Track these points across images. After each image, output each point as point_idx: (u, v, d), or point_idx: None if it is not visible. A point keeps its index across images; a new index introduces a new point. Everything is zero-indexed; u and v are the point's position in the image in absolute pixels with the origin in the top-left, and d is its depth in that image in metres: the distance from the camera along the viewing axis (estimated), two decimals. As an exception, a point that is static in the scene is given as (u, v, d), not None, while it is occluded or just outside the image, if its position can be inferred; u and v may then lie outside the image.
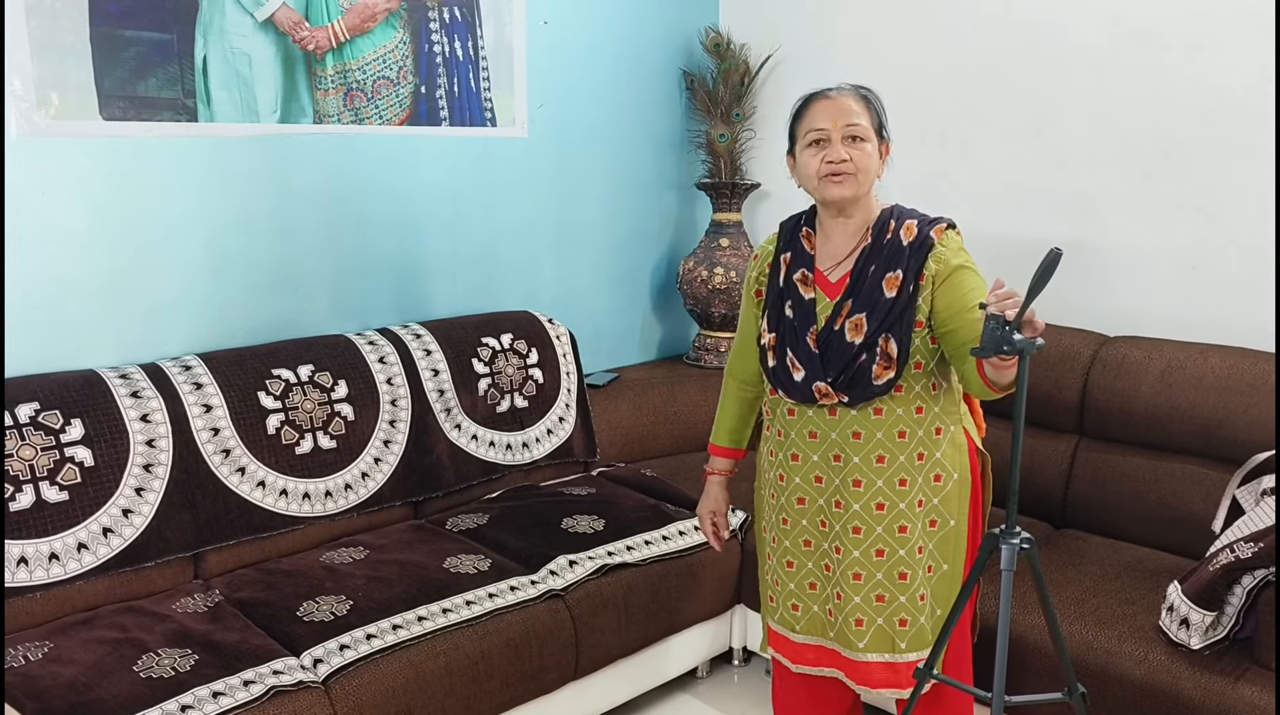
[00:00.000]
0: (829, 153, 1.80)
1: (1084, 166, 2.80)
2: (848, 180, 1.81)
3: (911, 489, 1.86)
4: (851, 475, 1.87)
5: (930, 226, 1.83)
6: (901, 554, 1.87)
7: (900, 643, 1.90)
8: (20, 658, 1.92)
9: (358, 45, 2.68)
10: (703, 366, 3.45)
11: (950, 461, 1.88)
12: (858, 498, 1.87)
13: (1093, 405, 2.60)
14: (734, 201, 3.43)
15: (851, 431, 1.86)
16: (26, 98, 2.18)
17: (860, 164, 1.80)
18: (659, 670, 2.57)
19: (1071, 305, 2.80)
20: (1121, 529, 2.54)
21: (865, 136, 1.81)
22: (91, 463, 2.14)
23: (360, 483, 2.52)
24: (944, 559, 1.90)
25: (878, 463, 1.86)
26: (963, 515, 1.89)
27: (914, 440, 1.85)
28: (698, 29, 3.47)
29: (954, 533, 1.89)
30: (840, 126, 1.80)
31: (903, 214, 1.87)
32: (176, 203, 2.43)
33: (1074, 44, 2.77)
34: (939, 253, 1.81)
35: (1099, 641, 2.08)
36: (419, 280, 2.93)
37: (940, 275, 1.80)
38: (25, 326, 2.25)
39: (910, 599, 1.89)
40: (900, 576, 1.88)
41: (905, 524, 1.87)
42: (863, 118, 1.81)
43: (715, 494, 2.14)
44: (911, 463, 1.85)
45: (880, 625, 1.90)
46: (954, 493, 1.88)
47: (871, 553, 1.88)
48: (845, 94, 1.83)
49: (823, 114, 1.82)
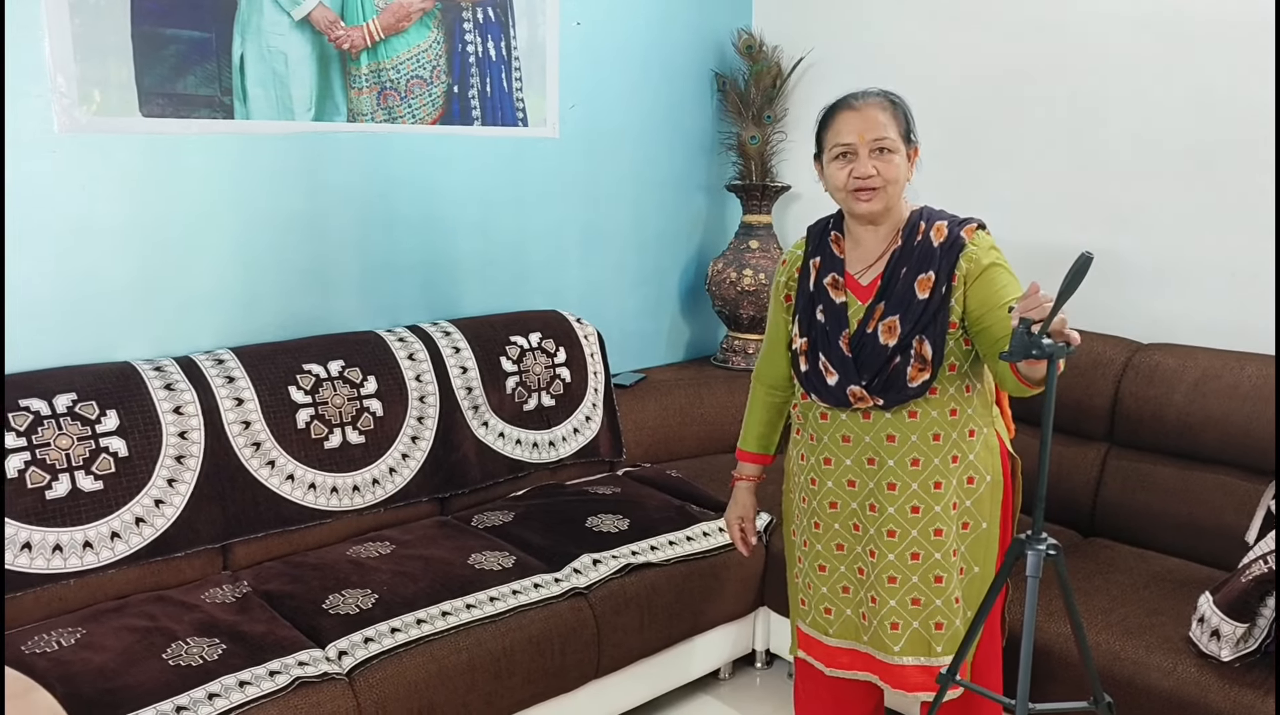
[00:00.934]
0: (856, 167, 1.79)
1: (1120, 173, 2.77)
2: (876, 194, 1.80)
3: (946, 491, 1.85)
4: (886, 478, 1.86)
5: (960, 227, 1.82)
6: (937, 557, 1.86)
7: (936, 646, 1.89)
8: (54, 643, 1.95)
9: (392, 44, 2.71)
10: (730, 368, 3.45)
11: (983, 463, 1.87)
12: (892, 501, 1.86)
13: (1124, 412, 2.57)
14: (764, 203, 3.42)
15: (886, 434, 1.85)
16: (69, 94, 2.22)
17: (888, 176, 1.79)
18: (681, 671, 2.57)
19: (1104, 311, 2.77)
20: (1151, 538, 2.50)
21: (893, 148, 1.79)
22: (125, 453, 2.18)
23: (387, 478, 2.54)
24: (975, 561, 1.89)
25: (912, 466, 1.85)
26: (994, 517, 1.88)
27: (948, 442, 1.84)
28: (730, 31, 3.47)
29: (985, 535, 1.88)
30: (867, 140, 1.78)
31: (932, 215, 1.86)
32: (212, 199, 2.46)
33: (1113, 50, 2.73)
34: (970, 252, 1.80)
35: (1126, 652, 2.05)
36: (449, 278, 2.95)
37: (972, 274, 1.79)
38: (64, 319, 2.29)
39: (946, 602, 1.88)
40: (936, 580, 1.87)
41: (941, 527, 1.86)
42: (890, 128, 1.79)
43: (743, 500, 2.14)
44: (946, 465, 1.84)
45: (916, 628, 1.89)
46: (986, 495, 1.87)
47: (907, 556, 1.87)
48: (871, 104, 1.81)
49: (849, 127, 1.80)
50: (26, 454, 2.07)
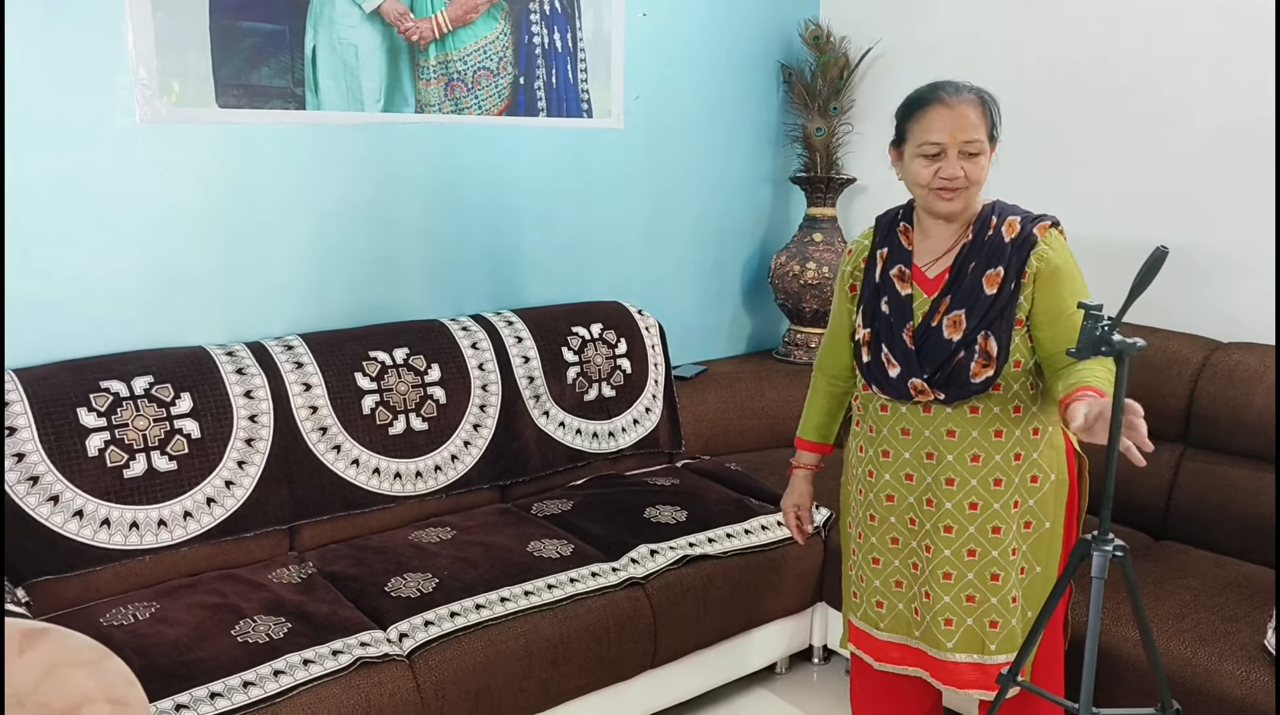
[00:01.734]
0: (944, 168, 1.75)
1: (1198, 167, 2.68)
2: (959, 195, 1.77)
3: (1007, 489, 1.82)
4: (944, 473, 1.84)
5: (1033, 223, 1.79)
6: (994, 555, 1.83)
7: (990, 644, 1.86)
8: (130, 616, 2.03)
9: (460, 36, 2.74)
10: (792, 362, 3.42)
11: (1048, 463, 1.83)
12: (950, 496, 1.84)
13: (1200, 413, 2.49)
14: (829, 196, 3.39)
15: (946, 429, 1.83)
16: (150, 85, 2.29)
17: (974, 178, 1.76)
18: (737, 664, 2.57)
19: (1181, 309, 2.68)
20: (1226, 543, 2.43)
21: (981, 150, 1.75)
22: (198, 435, 2.25)
23: (449, 465, 2.58)
24: (1037, 561, 1.86)
25: (972, 462, 1.82)
26: (1059, 518, 1.85)
27: (1011, 440, 1.81)
28: (797, 21, 3.44)
29: (1049, 535, 1.85)
30: (959, 142, 1.73)
31: (1005, 210, 1.82)
32: (284, 188, 2.52)
33: (1190, 39, 2.65)
34: (1041, 250, 1.76)
35: (1198, 659, 2.00)
36: (513, 268, 2.98)
37: (1043, 274, 1.76)
38: (141, 303, 2.36)
39: (1002, 601, 1.85)
40: (992, 577, 1.84)
41: (999, 524, 1.83)
42: (980, 129, 1.74)
43: (800, 488, 2.13)
44: (1008, 463, 1.81)
45: (970, 625, 1.87)
46: (1050, 494, 1.84)
47: (963, 552, 1.85)
48: (964, 100, 1.75)
49: (941, 124, 1.74)
50: (106, 433, 2.14)
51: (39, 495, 2.07)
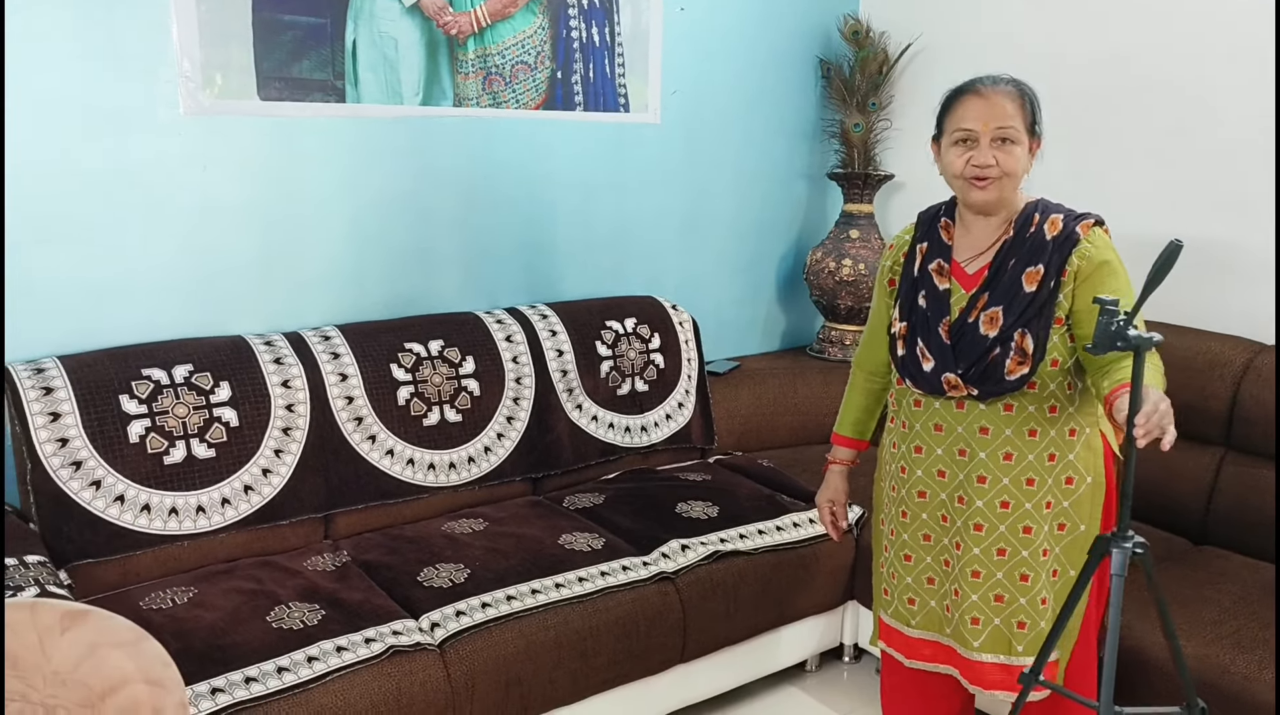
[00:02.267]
0: (976, 155, 1.74)
1: (1243, 164, 2.62)
2: (991, 185, 1.75)
3: (1040, 489, 1.80)
4: (977, 471, 1.82)
5: (1076, 222, 1.77)
6: (1024, 555, 1.82)
7: (1017, 645, 1.85)
8: (169, 600, 2.06)
9: (498, 30, 2.75)
10: (826, 359, 3.40)
11: (1084, 464, 1.81)
12: (982, 494, 1.83)
13: (1243, 416, 2.44)
14: (866, 193, 3.36)
15: (979, 426, 1.81)
16: (194, 78, 2.32)
17: (1007, 168, 1.74)
18: (767, 661, 2.56)
19: (1225, 309, 2.64)
20: (1267, 548, 2.38)
21: (1016, 139, 1.74)
22: (236, 423, 2.28)
23: (483, 457, 2.60)
24: (1071, 564, 1.83)
25: (1005, 460, 1.80)
26: (1094, 521, 1.82)
27: (1045, 439, 1.79)
28: (836, 16, 3.41)
29: (1083, 538, 1.82)
30: (991, 128, 1.73)
31: (1048, 208, 1.80)
32: (324, 180, 2.55)
33: (1237, 38, 2.59)
34: (1084, 248, 1.74)
35: (1237, 665, 1.96)
36: (548, 262, 2.99)
37: (1084, 272, 1.73)
38: (183, 293, 2.40)
39: (1030, 601, 1.83)
40: (1021, 578, 1.83)
41: (1030, 525, 1.81)
42: (1016, 119, 1.73)
43: (835, 484, 2.12)
44: (1041, 462, 1.79)
45: (997, 625, 1.85)
46: (1086, 497, 1.81)
47: (992, 551, 1.83)
48: (1000, 91, 1.75)
49: (973, 113, 1.74)
50: (147, 421, 2.18)
51: (82, 480, 2.11)
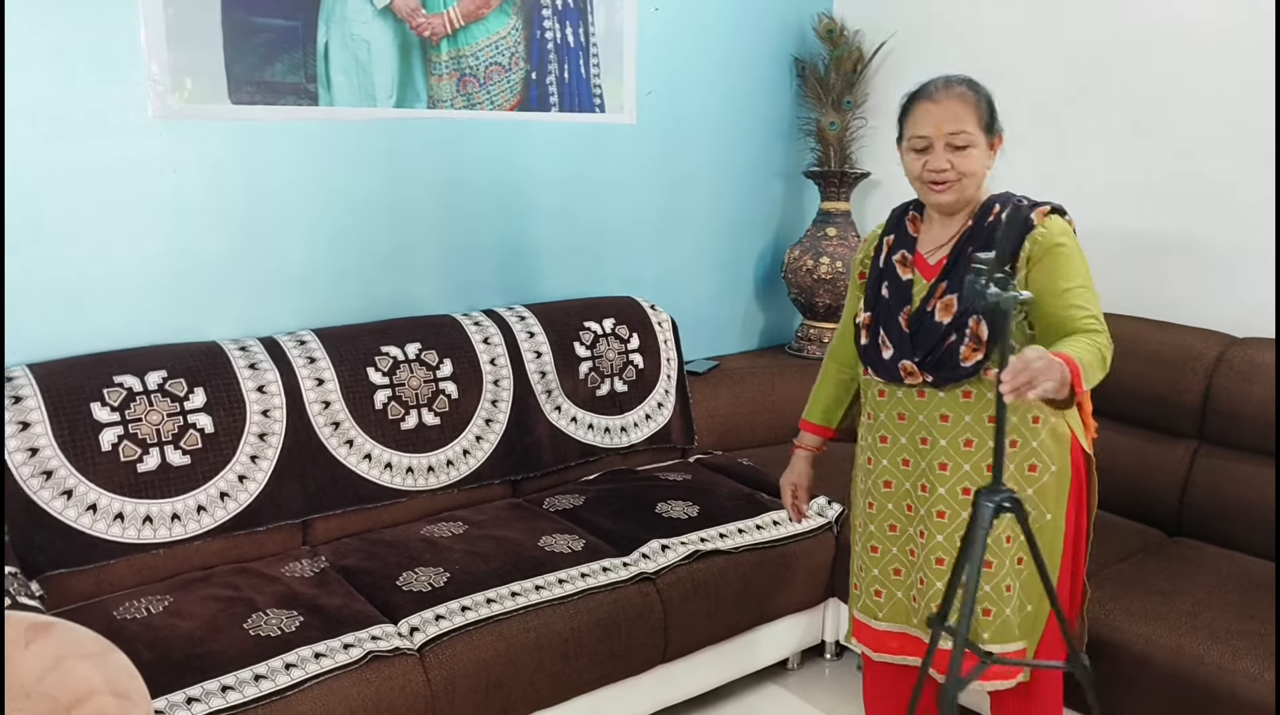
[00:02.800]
0: (931, 161, 1.78)
1: (1212, 158, 2.65)
2: (949, 188, 1.79)
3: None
4: (938, 458, 1.85)
5: (1032, 209, 1.79)
6: (988, 541, 1.83)
7: (983, 632, 1.86)
8: (144, 609, 2.04)
9: (472, 31, 2.74)
10: (805, 357, 3.41)
11: (1048, 452, 1.83)
12: (943, 481, 1.85)
13: (1216, 409, 2.46)
14: (842, 190, 3.37)
15: (939, 414, 1.83)
16: (163, 82, 2.30)
17: (963, 169, 1.77)
18: (748, 659, 2.57)
19: (1195, 304, 2.66)
20: (1241, 540, 2.40)
21: (970, 143, 1.77)
22: (212, 430, 2.26)
23: (461, 460, 2.59)
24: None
25: (965, 447, 1.83)
26: (1060, 510, 1.84)
27: (1006, 426, 1.80)
28: (810, 15, 3.42)
29: (1050, 527, 1.84)
30: (943, 134, 1.76)
31: (1009, 199, 1.83)
32: (298, 184, 2.53)
33: (1207, 29, 2.62)
34: (1036, 233, 1.76)
35: (1211, 656, 1.98)
36: (525, 263, 2.98)
37: (1035, 256, 1.76)
38: (155, 299, 2.38)
39: (995, 588, 1.85)
40: (985, 565, 1.84)
41: None
42: (968, 122, 1.76)
43: (799, 467, 2.15)
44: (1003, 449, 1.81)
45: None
46: (1051, 485, 1.83)
47: (956, 538, 1.85)
48: (951, 96, 1.78)
49: (927, 119, 1.78)
50: (120, 428, 2.16)
51: (53, 489, 2.09)
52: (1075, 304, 1.72)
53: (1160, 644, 2.04)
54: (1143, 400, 2.57)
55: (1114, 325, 2.63)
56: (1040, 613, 1.87)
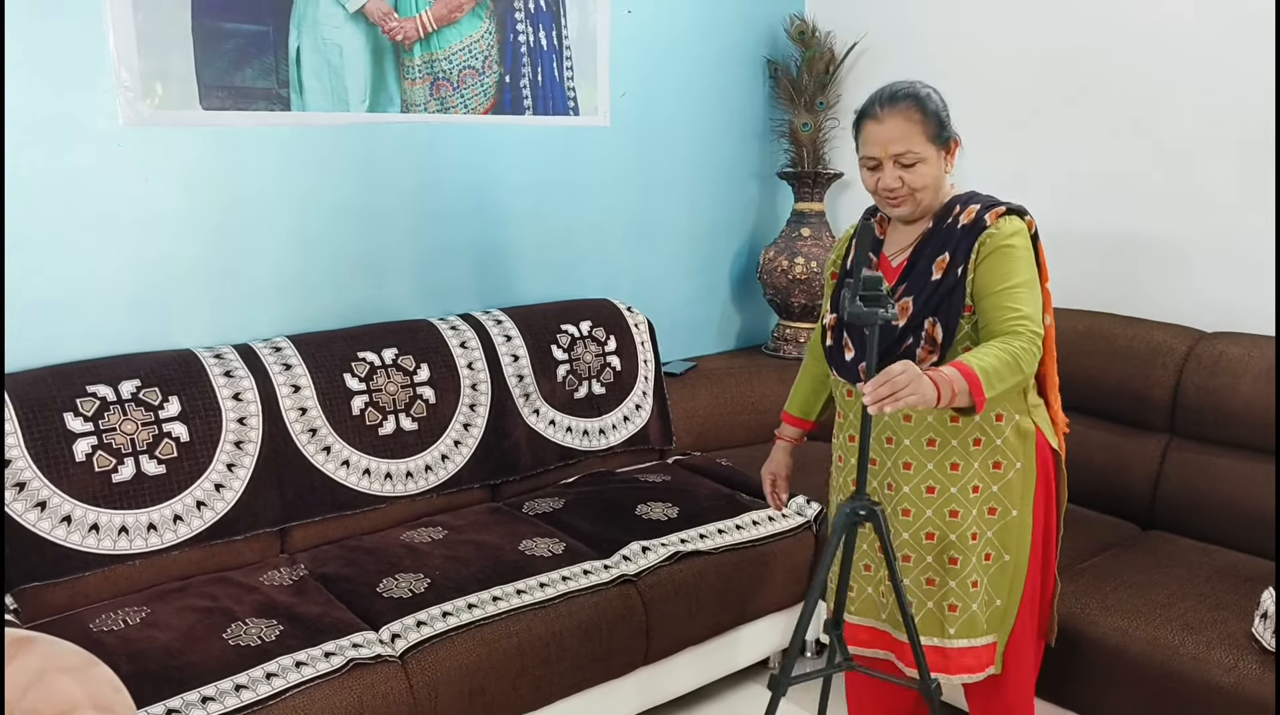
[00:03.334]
0: (882, 179, 1.81)
1: (1183, 159, 2.69)
2: (904, 201, 1.82)
3: (965, 473, 1.85)
4: (902, 457, 1.87)
5: (988, 209, 1.81)
6: (952, 538, 1.87)
7: (949, 628, 1.89)
8: (120, 621, 2.02)
9: (444, 35, 2.73)
10: (781, 357, 3.43)
11: (1013, 450, 1.85)
12: (908, 480, 1.88)
13: (1186, 403, 2.50)
14: (816, 191, 3.39)
15: (902, 413, 1.86)
16: (133, 88, 2.28)
17: (915, 184, 1.80)
18: (730, 659, 2.58)
19: (1165, 299, 2.70)
20: (1214, 532, 2.44)
21: (918, 159, 1.79)
22: (187, 438, 2.24)
23: (440, 464, 2.58)
24: (1005, 549, 1.88)
25: (928, 446, 1.85)
26: (1026, 506, 1.87)
27: (969, 425, 1.83)
28: (782, 17, 3.44)
29: (1016, 523, 1.87)
30: (890, 154, 1.79)
31: (970, 200, 1.85)
32: (271, 189, 2.51)
33: (1179, 30, 2.65)
34: (986, 233, 1.78)
35: (1186, 647, 2.01)
36: (501, 267, 2.98)
37: (982, 253, 1.78)
38: (128, 307, 2.35)
39: (961, 584, 1.87)
40: (950, 561, 1.87)
41: (956, 508, 1.86)
42: (914, 140, 1.78)
43: (779, 457, 2.18)
44: (966, 447, 1.84)
45: (930, 608, 1.90)
46: (1016, 482, 1.86)
47: (921, 535, 1.88)
48: (895, 114, 1.78)
49: (872, 140, 1.81)
50: (94, 438, 2.13)
51: (26, 501, 2.06)
52: (1006, 304, 1.74)
53: (1135, 636, 2.07)
54: (1115, 395, 2.60)
55: (1085, 321, 2.69)
56: (1010, 607, 1.90)
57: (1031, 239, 1.81)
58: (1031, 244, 1.81)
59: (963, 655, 1.89)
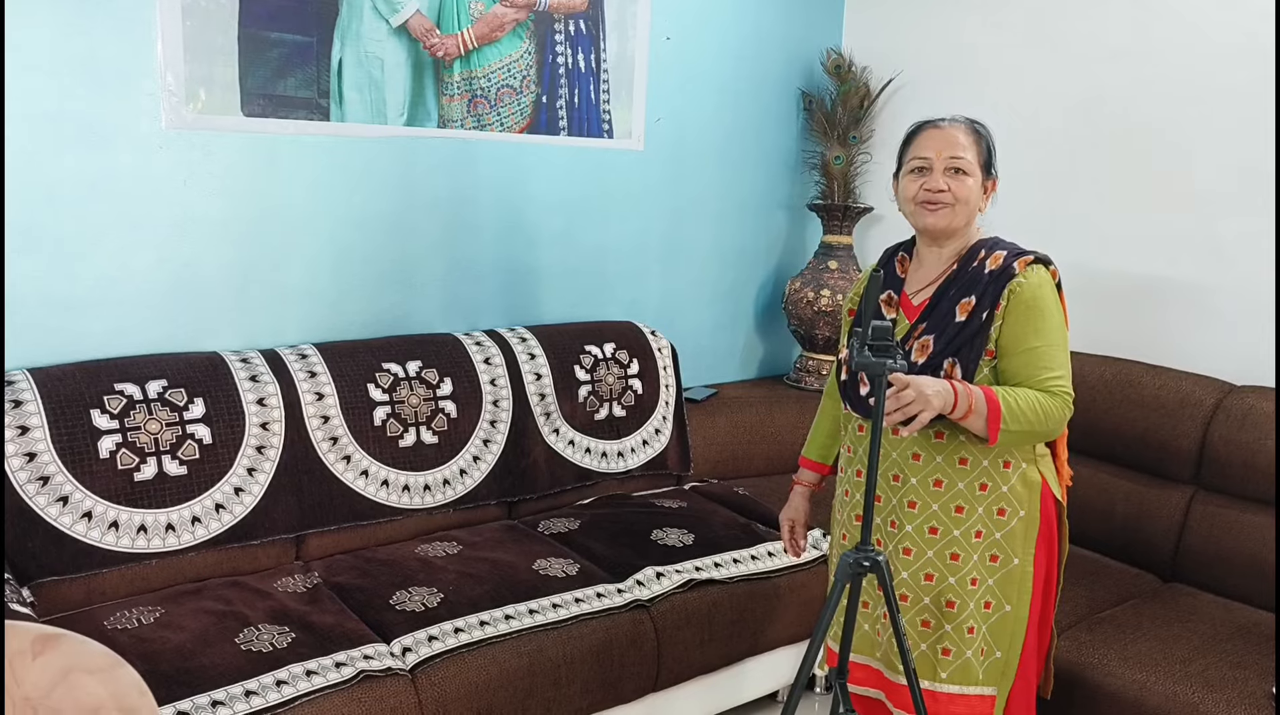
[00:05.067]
0: (928, 181, 1.83)
1: (1215, 208, 2.68)
2: (943, 210, 1.82)
3: (969, 517, 1.83)
4: (908, 496, 1.86)
5: (1016, 257, 1.81)
6: (951, 581, 1.85)
7: (941, 672, 1.87)
8: (135, 620, 2.02)
9: (485, 54, 2.76)
10: (803, 388, 3.42)
11: (1018, 497, 1.83)
12: (911, 519, 1.86)
13: (1213, 456, 2.48)
14: (845, 224, 3.39)
15: (911, 452, 1.85)
16: (177, 92, 2.31)
17: (959, 195, 1.81)
18: (738, 691, 2.55)
19: (1194, 349, 2.68)
20: (1237, 588, 2.41)
21: (969, 170, 1.81)
22: (210, 441, 2.25)
23: (458, 479, 2.58)
24: (1006, 599, 1.85)
25: (935, 487, 1.84)
26: (1028, 556, 1.85)
27: (977, 469, 1.82)
28: (819, 50, 3.45)
29: (1017, 572, 1.85)
30: (944, 157, 1.81)
31: (996, 245, 1.86)
32: (306, 198, 2.54)
33: (1210, 79, 2.65)
34: (1017, 282, 1.78)
35: (1205, 705, 1.98)
36: (528, 285, 2.99)
37: (1012, 303, 1.78)
38: (159, 308, 2.38)
39: (956, 629, 1.85)
40: (948, 604, 1.85)
41: (958, 551, 1.84)
42: (969, 151, 1.82)
43: (797, 504, 2.17)
44: (972, 491, 1.83)
45: (924, 650, 1.88)
46: (1019, 530, 1.84)
47: (920, 576, 1.87)
48: (956, 126, 1.84)
49: (929, 143, 1.84)
50: (118, 436, 2.15)
51: (49, 495, 2.07)
52: (1041, 363, 1.76)
53: (1154, 690, 2.04)
54: (1140, 444, 2.58)
55: (1112, 368, 2.68)
56: (1010, 662, 1.87)
57: (1055, 288, 1.82)
58: (1055, 293, 1.82)
59: (952, 701, 1.86)
